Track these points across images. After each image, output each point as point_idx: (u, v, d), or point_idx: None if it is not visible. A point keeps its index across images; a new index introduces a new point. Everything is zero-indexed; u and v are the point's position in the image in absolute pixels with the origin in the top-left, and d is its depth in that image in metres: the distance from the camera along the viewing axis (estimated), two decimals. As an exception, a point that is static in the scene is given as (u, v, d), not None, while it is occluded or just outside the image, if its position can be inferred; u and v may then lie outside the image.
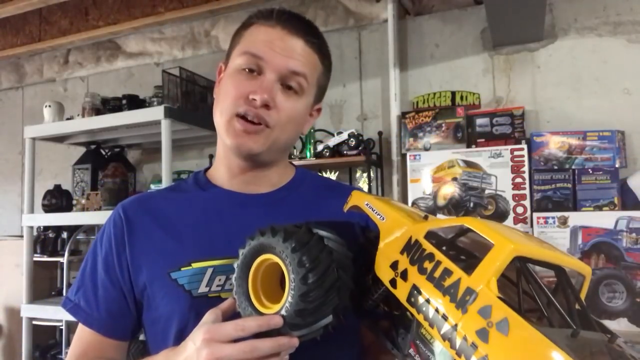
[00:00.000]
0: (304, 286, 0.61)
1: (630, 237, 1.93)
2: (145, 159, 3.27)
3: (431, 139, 2.39)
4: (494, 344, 0.49)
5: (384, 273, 0.65)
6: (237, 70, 0.82)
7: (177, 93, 2.51)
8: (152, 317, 0.83)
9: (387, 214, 0.71)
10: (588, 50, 2.28)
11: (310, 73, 0.83)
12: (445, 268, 0.56)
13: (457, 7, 2.53)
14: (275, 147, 0.84)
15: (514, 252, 0.53)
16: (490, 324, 0.49)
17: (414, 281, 0.59)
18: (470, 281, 0.53)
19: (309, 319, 0.63)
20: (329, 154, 2.45)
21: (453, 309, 0.53)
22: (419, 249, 0.61)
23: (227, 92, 0.82)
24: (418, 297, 0.58)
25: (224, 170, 0.89)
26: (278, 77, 0.80)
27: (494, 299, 0.51)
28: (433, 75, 2.56)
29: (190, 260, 0.80)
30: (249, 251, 0.68)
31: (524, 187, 2.13)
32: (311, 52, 0.83)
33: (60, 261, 2.88)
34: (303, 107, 0.85)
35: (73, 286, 0.89)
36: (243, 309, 0.67)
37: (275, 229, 0.65)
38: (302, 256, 0.62)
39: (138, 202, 0.90)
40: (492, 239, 0.54)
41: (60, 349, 2.80)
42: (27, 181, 2.68)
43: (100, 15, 2.98)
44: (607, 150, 2.09)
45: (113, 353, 0.86)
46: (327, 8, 2.78)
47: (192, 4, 2.73)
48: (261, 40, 0.81)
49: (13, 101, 3.76)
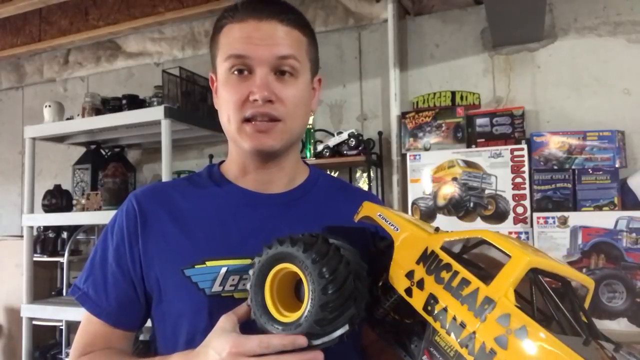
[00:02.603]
0: (324, 296, 0.62)
1: (630, 237, 1.93)
2: (145, 159, 3.27)
3: (431, 139, 2.39)
4: (513, 350, 0.51)
5: (398, 282, 0.67)
6: (228, 76, 0.81)
7: (177, 93, 2.51)
8: (162, 312, 0.83)
9: (401, 225, 0.73)
10: (588, 50, 2.28)
11: (298, 51, 0.82)
12: (463, 278, 0.59)
13: (457, 7, 2.53)
14: (292, 138, 0.84)
15: (530, 264, 0.56)
16: (509, 331, 0.52)
17: (430, 290, 0.62)
18: (489, 291, 0.56)
19: (328, 328, 0.64)
20: (329, 154, 2.45)
21: (471, 317, 0.56)
22: (436, 259, 0.63)
23: (227, 100, 0.81)
24: (435, 305, 0.60)
25: (237, 170, 0.89)
26: (269, 69, 0.79)
27: (512, 308, 0.53)
28: (433, 75, 2.56)
29: (205, 259, 0.80)
30: (267, 260, 0.69)
31: (524, 187, 2.13)
32: (290, 29, 0.82)
33: (60, 261, 2.88)
34: (303, 87, 0.84)
35: (82, 274, 0.88)
36: (259, 317, 0.68)
37: (294, 239, 0.67)
38: (322, 267, 0.63)
39: (152, 193, 0.88)
40: (510, 251, 0.57)
41: (60, 349, 2.80)
42: (27, 181, 2.68)
43: (100, 15, 2.97)
44: (607, 150, 2.09)
45: (121, 343, 0.85)
46: (327, 8, 2.78)
47: (192, 4, 2.73)
48: (238, 38, 0.80)
49: (13, 101, 3.76)
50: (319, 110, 2.73)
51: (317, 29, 2.85)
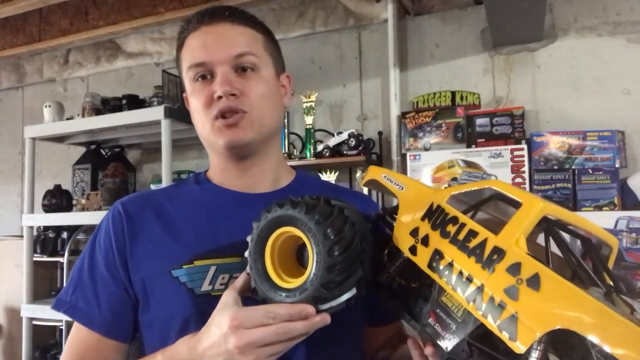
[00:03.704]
0: (330, 258, 0.60)
1: (630, 237, 1.93)
2: (145, 159, 3.27)
3: (431, 139, 2.39)
4: (524, 301, 0.47)
5: (403, 241, 0.64)
6: (193, 84, 0.83)
7: (177, 93, 2.50)
8: (149, 318, 0.80)
9: (407, 183, 0.70)
10: (588, 50, 2.28)
11: (254, 47, 0.84)
12: (470, 229, 0.55)
13: (457, 7, 2.53)
14: (264, 130, 0.84)
15: (543, 211, 0.51)
16: (520, 281, 0.48)
17: (435, 246, 0.58)
18: (498, 240, 0.52)
19: (335, 292, 0.62)
20: (329, 154, 2.45)
21: (479, 270, 0.52)
22: (442, 213, 0.60)
23: (196, 106, 0.83)
24: (440, 261, 0.57)
25: (220, 175, 0.89)
26: (229, 67, 0.81)
27: (523, 256, 0.49)
28: (433, 75, 2.56)
29: (193, 258, 0.78)
30: (266, 224, 0.66)
31: (524, 187, 2.13)
32: (243, 28, 0.84)
33: (60, 261, 2.88)
34: (267, 80, 0.85)
35: (67, 287, 0.85)
36: (260, 284, 0.65)
37: (295, 201, 0.64)
38: (327, 229, 0.61)
39: (139, 198, 0.89)
40: (521, 198, 0.53)
41: (60, 349, 2.80)
42: (27, 181, 2.68)
43: (100, 15, 2.97)
44: (607, 150, 2.09)
45: (114, 355, 0.82)
46: (327, 8, 2.78)
47: (192, 4, 2.72)
48: (195, 47, 0.83)
49: (13, 101, 3.76)
50: (319, 110, 2.73)
51: (317, 29, 2.85)
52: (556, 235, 0.54)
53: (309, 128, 2.54)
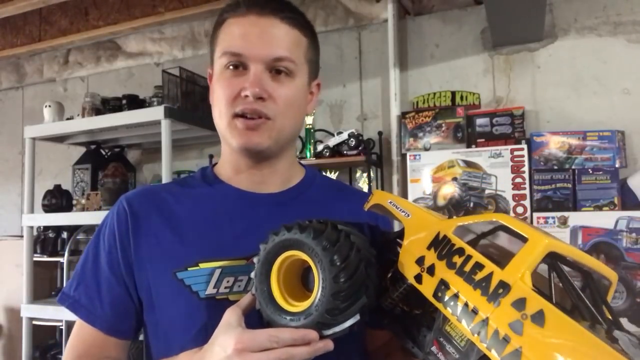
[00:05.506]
0: (336, 285, 0.61)
1: (630, 237, 1.93)
2: (145, 159, 3.27)
3: (431, 139, 2.39)
4: (528, 335, 0.48)
5: (408, 269, 0.64)
6: (223, 71, 0.80)
7: (177, 93, 2.51)
8: (155, 318, 0.80)
9: (413, 211, 0.70)
10: (588, 50, 2.28)
11: (295, 53, 0.80)
12: (476, 262, 0.56)
13: (457, 7, 2.53)
14: (282, 137, 0.82)
15: (549, 247, 0.52)
16: (525, 316, 0.49)
17: (441, 276, 0.59)
18: (504, 274, 0.52)
19: (339, 318, 0.62)
20: (329, 154, 2.45)
21: (484, 303, 0.52)
22: (448, 244, 0.60)
23: (219, 96, 0.80)
24: (446, 291, 0.57)
25: (230, 169, 0.87)
26: (264, 67, 0.78)
27: (529, 292, 0.50)
28: (433, 75, 2.56)
29: (198, 260, 0.77)
30: (274, 247, 0.66)
31: (524, 187, 2.13)
32: (290, 28, 0.80)
33: (60, 261, 2.87)
34: (298, 88, 0.82)
35: (71, 281, 0.84)
36: (265, 307, 0.66)
37: (303, 226, 0.65)
38: (334, 255, 0.61)
39: (144, 195, 0.86)
40: (527, 234, 0.54)
41: (60, 349, 2.80)
42: (27, 181, 2.68)
43: (100, 15, 2.97)
44: (607, 150, 2.09)
45: (117, 353, 0.82)
46: (327, 8, 2.78)
47: (192, 4, 2.72)
48: (236, 35, 0.79)
49: (13, 101, 3.76)
50: (319, 110, 2.73)
51: (317, 29, 2.83)
52: (559, 269, 0.56)
53: (309, 128, 2.54)
